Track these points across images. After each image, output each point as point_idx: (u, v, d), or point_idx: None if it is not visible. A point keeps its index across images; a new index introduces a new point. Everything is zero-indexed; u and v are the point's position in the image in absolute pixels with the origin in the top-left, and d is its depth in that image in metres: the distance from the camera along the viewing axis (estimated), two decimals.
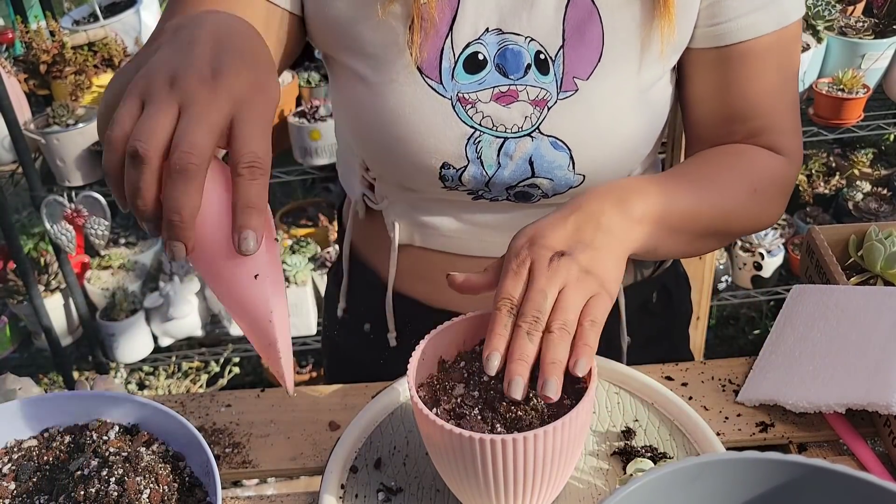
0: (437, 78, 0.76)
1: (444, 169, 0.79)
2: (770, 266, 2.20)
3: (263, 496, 0.74)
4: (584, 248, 0.63)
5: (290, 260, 2.12)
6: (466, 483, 0.62)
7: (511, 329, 0.60)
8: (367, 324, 0.98)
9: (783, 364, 0.80)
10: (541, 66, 0.76)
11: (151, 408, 0.68)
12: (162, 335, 2.16)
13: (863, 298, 0.80)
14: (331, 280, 1.07)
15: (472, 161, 0.78)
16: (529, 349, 0.59)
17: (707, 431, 0.73)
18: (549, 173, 0.79)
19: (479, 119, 0.77)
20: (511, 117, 0.77)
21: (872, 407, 0.70)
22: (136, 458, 0.63)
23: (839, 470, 0.47)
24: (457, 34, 0.76)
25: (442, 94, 0.76)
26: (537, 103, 0.76)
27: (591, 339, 0.60)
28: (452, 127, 0.77)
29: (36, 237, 2.90)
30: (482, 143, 0.77)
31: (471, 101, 0.76)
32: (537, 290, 0.61)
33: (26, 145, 1.86)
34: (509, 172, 0.79)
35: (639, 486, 0.47)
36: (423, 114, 0.76)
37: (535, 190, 0.81)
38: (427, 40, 0.75)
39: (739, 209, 0.79)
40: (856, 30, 1.91)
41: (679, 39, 0.79)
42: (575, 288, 0.61)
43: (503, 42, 0.76)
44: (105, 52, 1.99)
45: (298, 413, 0.81)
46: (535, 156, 0.78)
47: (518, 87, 0.76)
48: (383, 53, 0.77)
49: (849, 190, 2.35)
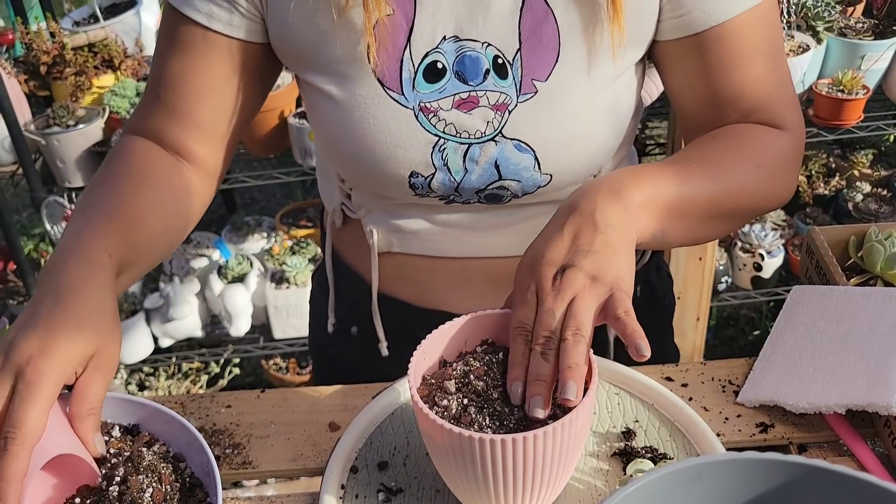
0: (398, 89, 0.77)
1: (413, 177, 0.79)
2: (770, 267, 2.20)
3: (263, 497, 0.74)
4: (586, 255, 0.63)
5: (290, 261, 2.12)
6: (467, 483, 0.62)
7: (528, 355, 0.62)
8: (354, 327, 0.99)
9: (783, 365, 0.80)
10: (499, 71, 0.76)
11: (152, 409, 0.68)
12: (162, 336, 2.16)
13: (863, 299, 0.80)
14: (315, 285, 1.07)
15: (440, 168, 0.79)
16: (545, 368, 0.60)
17: (707, 432, 0.73)
18: (515, 175, 0.79)
19: (443, 127, 0.77)
20: (473, 123, 0.77)
21: (872, 407, 0.70)
22: (137, 458, 0.63)
23: (839, 470, 0.47)
24: (415, 44, 0.76)
25: (404, 105, 0.77)
26: (498, 107, 0.77)
27: (633, 325, 0.60)
28: (417, 136, 0.77)
29: (36, 238, 2.90)
30: (447, 150, 0.78)
31: (433, 110, 0.77)
32: (545, 310, 0.62)
33: (26, 146, 1.86)
34: (476, 177, 0.79)
35: (639, 487, 0.47)
36: (388, 125, 0.77)
37: (505, 192, 0.81)
38: (386, 52, 0.76)
39: (745, 186, 0.77)
40: (855, 31, 1.91)
41: (640, 31, 0.78)
42: (585, 296, 0.61)
43: (461, 49, 0.76)
44: (105, 53, 1.99)
45: (298, 414, 0.81)
46: (501, 159, 0.78)
47: (478, 92, 0.76)
48: (344, 70, 0.77)
49: (849, 191, 2.35)
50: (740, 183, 0.77)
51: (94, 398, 0.64)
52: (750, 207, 0.80)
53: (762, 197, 0.80)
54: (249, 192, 3.10)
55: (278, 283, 2.13)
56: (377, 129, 0.77)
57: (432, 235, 0.87)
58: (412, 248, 0.88)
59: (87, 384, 0.64)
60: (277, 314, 2.13)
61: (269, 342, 2.21)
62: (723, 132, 0.81)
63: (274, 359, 2.40)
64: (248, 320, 2.16)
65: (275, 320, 2.14)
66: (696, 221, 0.74)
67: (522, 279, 0.65)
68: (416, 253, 0.88)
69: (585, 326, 0.60)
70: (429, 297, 0.90)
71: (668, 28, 0.78)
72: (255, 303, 2.16)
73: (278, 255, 2.17)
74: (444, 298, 0.89)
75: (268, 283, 2.13)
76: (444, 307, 0.89)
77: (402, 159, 0.78)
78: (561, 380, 0.59)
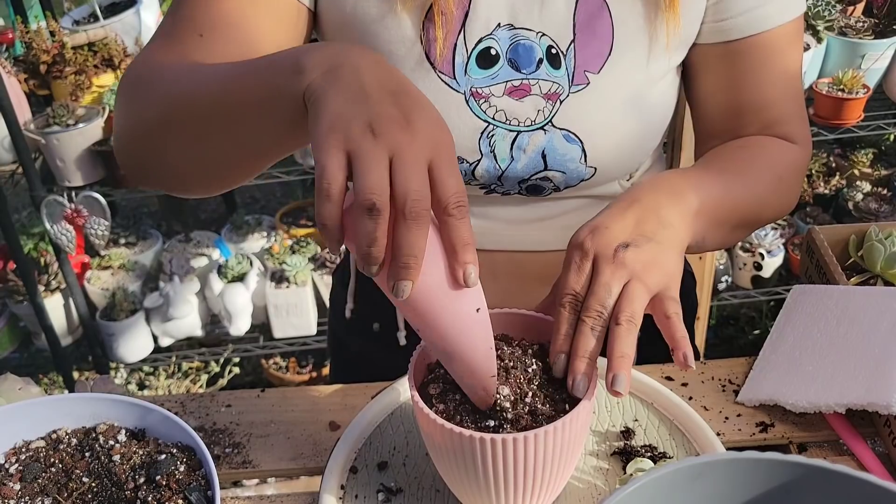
0: (450, 73, 0.77)
1: (458, 163, 0.79)
2: (770, 266, 2.20)
3: (263, 496, 0.74)
4: (649, 241, 0.63)
5: (289, 260, 2.12)
6: (466, 483, 0.62)
7: (575, 326, 0.60)
8: (377, 323, 0.98)
9: (783, 364, 0.80)
10: (552, 61, 0.77)
11: (150, 409, 0.68)
12: (162, 335, 2.16)
13: (863, 298, 0.80)
14: (337, 280, 1.07)
15: (486, 155, 0.79)
16: (593, 345, 0.59)
17: (707, 431, 0.73)
18: (561, 166, 0.80)
19: (493, 113, 0.78)
20: (524, 111, 0.78)
21: (872, 407, 0.70)
22: (139, 459, 0.63)
23: (839, 470, 0.47)
24: (469, 30, 0.77)
25: (455, 89, 0.77)
26: (549, 97, 0.77)
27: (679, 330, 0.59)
28: (466, 121, 0.78)
29: (36, 237, 2.90)
30: (495, 137, 0.78)
31: (484, 96, 0.77)
32: (602, 283, 0.60)
33: (26, 145, 1.86)
34: (522, 166, 0.80)
35: (639, 486, 0.47)
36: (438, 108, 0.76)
37: (547, 183, 0.81)
38: (440, 36, 0.76)
39: (768, 198, 0.81)
40: (856, 30, 1.91)
41: (685, 35, 0.79)
42: (641, 280, 0.60)
43: (515, 37, 0.77)
44: (105, 52, 1.99)
45: (298, 413, 0.81)
46: (548, 149, 0.79)
47: (530, 81, 0.77)
48: (396, 49, 0.77)
49: (849, 190, 2.35)
50: (765, 195, 0.80)
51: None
52: (768, 217, 0.84)
53: (778, 207, 0.83)
54: (249, 191, 3.10)
55: (278, 283, 2.13)
56: None
57: None
58: None
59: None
60: (277, 313, 2.13)
61: (269, 341, 2.21)
62: (746, 144, 0.83)
63: (274, 358, 2.40)
64: (247, 319, 2.16)
65: (275, 319, 2.14)
66: (729, 229, 0.76)
67: (579, 244, 0.63)
68: None
69: (638, 315, 0.59)
70: None
71: (707, 31, 0.80)
72: (255, 302, 2.15)
73: (278, 255, 2.17)
74: None
75: (268, 283, 2.13)
76: None
77: None
78: (611, 369, 0.57)
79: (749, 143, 0.83)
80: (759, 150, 0.82)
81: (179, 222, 2.77)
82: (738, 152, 0.82)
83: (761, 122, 0.83)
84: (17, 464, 0.65)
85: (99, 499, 0.63)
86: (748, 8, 0.78)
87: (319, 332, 2.18)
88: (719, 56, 0.81)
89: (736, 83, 0.82)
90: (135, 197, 2.38)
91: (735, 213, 0.76)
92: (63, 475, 0.64)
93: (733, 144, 0.83)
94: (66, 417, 0.68)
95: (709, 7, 0.79)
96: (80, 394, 0.70)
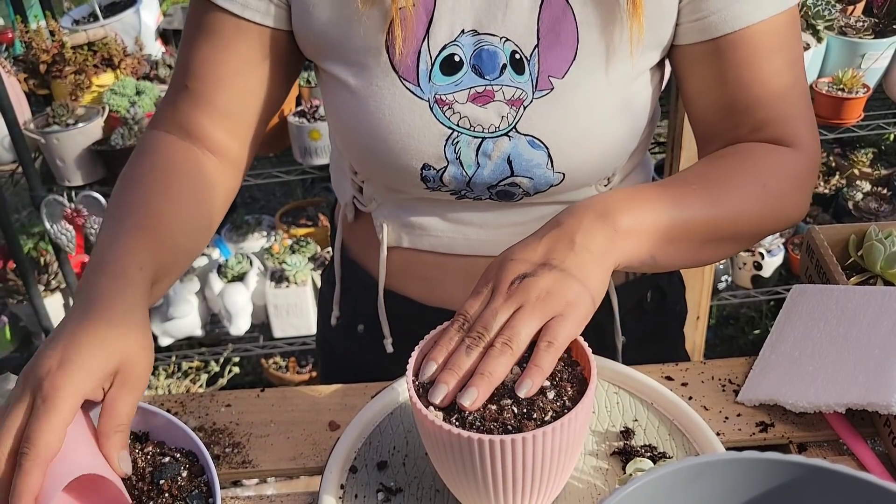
0: (414, 80, 0.77)
1: (425, 170, 0.80)
2: (770, 266, 2.20)
3: (263, 496, 0.74)
4: (551, 270, 0.63)
5: (289, 260, 2.12)
6: (466, 483, 0.62)
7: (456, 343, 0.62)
8: (361, 325, 0.99)
9: (783, 364, 0.80)
10: (516, 66, 0.76)
11: (154, 413, 0.68)
12: (162, 335, 2.16)
13: (863, 298, 0.80)
14: (324, 282, 1.07)
15: (452, 161, 0.79)
16: (463, 361, 0.61)
17: (707, 431, 0.73)
18: (528, 172, 0.79)
19: (457, 120, 0.77)
20: (488, 117, 0.77)
21: (872, 407, 0.70)
22: (143, 463, 0.63)
23: (839, 470, 0.47)
24: (433, 37, 0.76)
25: (419, 97, 0.77)
26: (513, 103, 0.77)
27: (544, 360, 0.60)
28: (431, 128, 0.77)
29: (36, 237, 2.90)
30: (460, 144, 0.78)
31: (448, 103, 0.77)
32: (490, 309, 0.62)
33: (26, 145, 1.86)
34: (489, 172, 0.79)
35: (638, 486, 0.47)
36: (402, 116, 0.77)
37: (517, 189, 0.81)
38: (404, 43, 0.76)
39: (749, 209, 0.76)
40: (856, 29, 1.91)
41: (656, 37, 0.78)
42: (531, 308, 0.61)
43: (479, 43, 0.76)
44: (105, 51, 1.99)
45: (298, 413, 0.81)
46: (514, 155, 0.78)
47: (494, 87, 0.77)
48: (363, 59, 0.78)
49: (849, 190, 2.35)
50: (742, 205, 0.76)
51: (120, 414, 0.62)
52: (755, 230, 0.79)
53: (769, 218, 0.79)
54: (249, 191, 3.10)
55: (278, 282, 2.13)
56: (392, 119, 0.78)
57: (442, 231, 0.87)
58: (421, 243, 0.88)
59: (114, 400, 0.62)
60: (277, 313, 2.13)
61: (269, 341, 2.21)
62: (729, 152, 0.80)
63: (273, 358, 2.40)
64: (247, 319, 2.16)
65: (274, 319, 2.14)
66: (695, 245, 0.74)
67: (487, 273, 0.66)
68: (425, 249, 0.88)
69: (518, 340, 0.60)
70: (436, 295, 0.90)
71: (686, 32, 0.78)
72: (255, 302, 2.16)
73: (278, 254, 2.17)
74: (450, 296, 0.89)
75: (267, 282, 2.13)
76: (450, 305, 0.89)
77: (414, 151, 0.78)
78: (468, 384, 0.59)
79: (730, 152, 0.80)
80: (740, 158, 0.79)
81: None
82: (716, 161, 0.79)
83: (754, 123, 0.80)
84: None
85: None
86: (727, 4, 0.75)
87: None
88: (702, 55, 0.79)
89: (723, 81, 0.79)
90: None
91: (698, 228, 0.73)
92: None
93: (715, 154, 0.81)
94: None
95: (682, 7, 0.77)
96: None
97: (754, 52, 0.77)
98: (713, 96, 0.81)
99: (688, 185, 0.75)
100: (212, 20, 0.80)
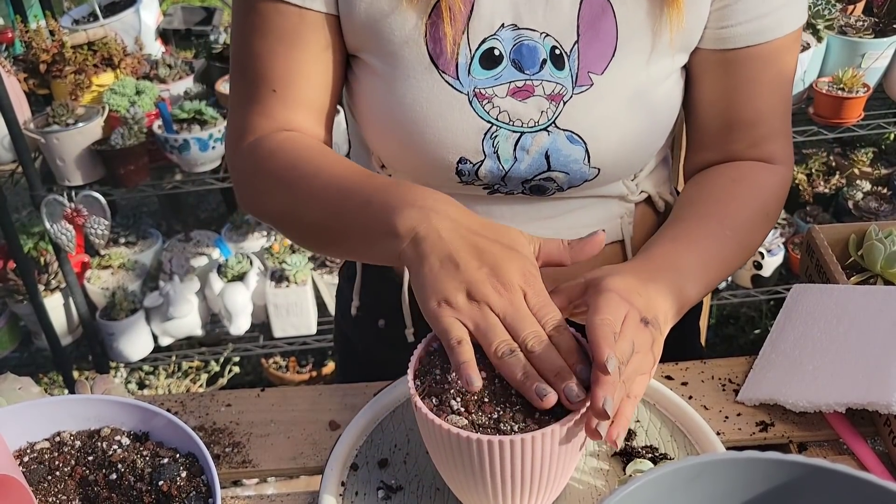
0: (453, 73, 0.77)
1: (461, 164, 0.79)
2: (770, 265, 2.20)
3: (263, 496, 0.74)
4: (657, 327, 0.66)
5: (290, 259, 2.12)
6: (466, 483, 0.62)
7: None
8: (382, 319, 0.98)
9: (783, 363, 0.80)
10: (556, 61, 0.77)
11: (154, 413, 0.68)
12: (162, 335, 2.16)
13: (863, 298, 0.80)
14: (342, 277, 1.07)
15: (489, 155, 0.79)
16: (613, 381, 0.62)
17: (707, 431, 0.73)
18: (564, 167, 0.80)
19: (496, 114, 0.78)
20: (527, 112, 0.77)
21: (872, 406, 0.70)
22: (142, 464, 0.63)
23: (839, 470, 0.47)
24: (473, 30, 0.77)
25: (458, 90, 0.77)
26: (553, 98, 0.77)
27: (630, 411, 0.63)
28: (469, 122, 0.78)
29: (36, 237, 2.90)
30: (499, 138, 0.78)
31: (487, 97, 0.77)
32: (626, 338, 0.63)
33: (26, 145, 1.86)
34: (525, 166, 0.80)
35: (638, 486, 0.47)
36: (440, 109, 0.77)
37: (551, 183, 0.81)
38: (444, 37, 0.76)
39: (756, 237, 0.82)
40: (856, 29, 1.91)
41: (689, 37, 0.79)
42: (641, 358, 0.64)
43: (519, 37, 0.77)
44: (105, 51, 1.99)
45: (298, 412, 0.81)
46: (552, 150, 0.79)
47: (534, 82, 0.77)
48: (401, 51, 0.78)
49: (849, 189, 2.35)
50: (753, 236, 0.82)
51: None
52: (753, 252, 0.85)
53: (763, 238, 0.85)
54: None
55: (278, 282, 2.13)
56: (429, 112, 0.78)
57: None
58: None
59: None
60: (277, 313, 2.13)
61: (269, 341, 2.21)
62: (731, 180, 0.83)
63: (274, 357, 2.40)
64: (247, 319, 2.16)
65: (275, 319, 2.14)
66: (720, 280, 0.79)
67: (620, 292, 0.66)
68: None
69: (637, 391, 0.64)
70: None
71: (708, 37, 0.80)
72: (255, 301, 2.15)
73: (278, 254, 2.17)
74: None
75: (267, 282, 2.13)
76: None
77: (451, 144, 0.78)
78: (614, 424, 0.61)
79: (732, 179, 0.83)
80: (743, 188, 0.82)
81: (179, 221, 2.77)
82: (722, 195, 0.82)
83: (752, 139, 0.83)
84: (22, 466, 0.65)
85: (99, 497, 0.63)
86: (749, 18, 0.78)
87: (319, 331, 2.18)
88: (717, 64, 0.81)
89: (731, 95, 0.81)
90: (134, 196, 2.38)
91: (723, 268, 0.78)
92: (67, 478, 0.64)
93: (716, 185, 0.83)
94: (69, 419, 0.68)
95: (713, 12, 0.78)
96: (85, 395, 0.70)
97: (763, 68, 0.80)
98: (719, 108, 0.83)
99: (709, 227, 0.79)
100: (275, 18, 0.79)
